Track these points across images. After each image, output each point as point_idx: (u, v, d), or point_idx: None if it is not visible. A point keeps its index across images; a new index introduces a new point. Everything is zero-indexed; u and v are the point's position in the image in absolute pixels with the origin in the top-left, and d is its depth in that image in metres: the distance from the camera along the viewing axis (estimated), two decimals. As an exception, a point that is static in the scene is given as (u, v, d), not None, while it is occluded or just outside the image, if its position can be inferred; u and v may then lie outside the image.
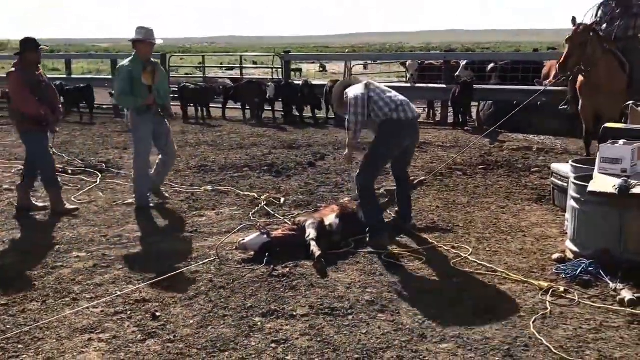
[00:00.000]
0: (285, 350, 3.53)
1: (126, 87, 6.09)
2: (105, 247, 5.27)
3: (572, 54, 7.19)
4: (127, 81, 6.08)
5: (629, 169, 4.43)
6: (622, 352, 3.43)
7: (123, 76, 6.10)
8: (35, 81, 6.08)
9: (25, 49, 6.02)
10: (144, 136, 6.31)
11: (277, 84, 13.19)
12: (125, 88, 6.10)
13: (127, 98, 6.19)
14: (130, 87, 6.09)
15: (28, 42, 6.06)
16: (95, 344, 3.60)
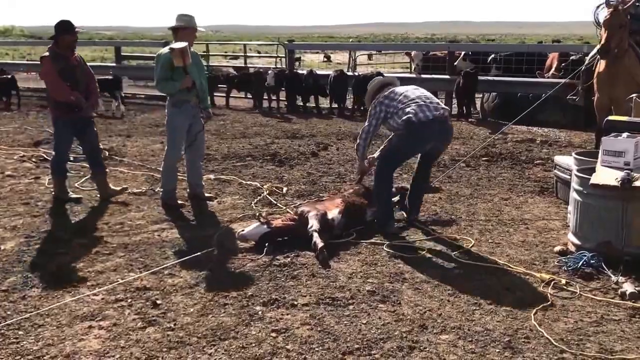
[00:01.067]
0: (286, 339, 3.53)
1: (164, 73, 5.82)
2: (107, 235, 5.28)
3: (614, 35, 6.85)
4: (165, 67, 5.78)
5: (631, 161, 4.40)
6: (622, 346, 3.42)
7: (162, 62, 5.84)
8: (69, 66, 5.92)
9: (61, 31, 5.89)
10: (178, 127, 6.00)
11: (278, 73, 13.11)
12: (164, 74, 5.83)
13: (167, 83, 5.86)
14: (168, 74, 5.83)
15: (63, 24, 5.93)
16: (95, 331, 3.60)
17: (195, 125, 6.12)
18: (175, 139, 6.05)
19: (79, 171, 7.59)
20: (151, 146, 9.13)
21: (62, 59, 5.92)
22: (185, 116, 5.98)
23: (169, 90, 6.01)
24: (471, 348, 3.42)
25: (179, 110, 5.96)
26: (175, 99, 5.94)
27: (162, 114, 12.43)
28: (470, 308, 3.91)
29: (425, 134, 5.20)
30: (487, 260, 4.68)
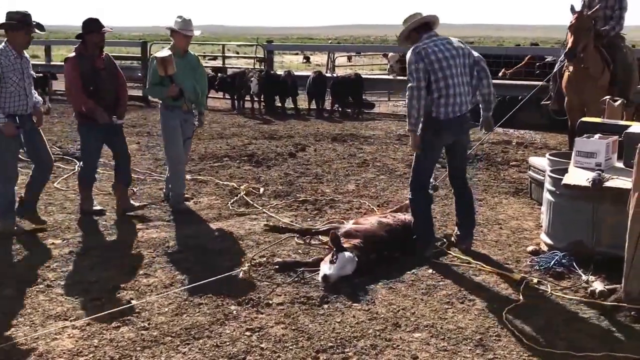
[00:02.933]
0: (260, 338, 3.54)
1: (154, 78, 5.74)
2: (82, 234, 5.22)
3: (580, 39, 6.93)
4: (155, 72, 5.69)
5: (603, 162, 4.49)
6: (591, 342, 3.50)
7: (153, 67, 5.75)
8: (93, 68, 5.52)
9: (88, 30, 5.52)
10: (172, 127, 5.88)
11: (260, 78, 12.93)
12: (153, 79, 5.75)
13: (155, 88, 5.84)
14: (158, 78, 5.72)
15: (91, 23, 5.53)
16: (69, 331, 3.57)
17: (186, 130, 6.01)
18: (173, 138, 5.94)
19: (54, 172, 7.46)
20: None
21: (87, 60, 5.53)
22: (175, 117, 5.89)
23: (156, 95, 5.99)
24: (443, 346, 3.47)
25: (171, 112, 5.89)
26: (166, 103, 5.91)
27: (138, 114, 12.39)
28: (443, 307, 3.96)
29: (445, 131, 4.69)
30: (461, 260, 4.74)
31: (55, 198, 6.36)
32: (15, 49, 5.04)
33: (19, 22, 5.01)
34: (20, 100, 5.09)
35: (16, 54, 5.05)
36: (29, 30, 5.07)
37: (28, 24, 5.05)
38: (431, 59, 4.48)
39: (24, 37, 5.08)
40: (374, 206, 6.15)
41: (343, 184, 7.11)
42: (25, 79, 5.12)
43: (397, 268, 4.56)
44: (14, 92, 5.03)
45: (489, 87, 4.77)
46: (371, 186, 7.02)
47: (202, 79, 6.11)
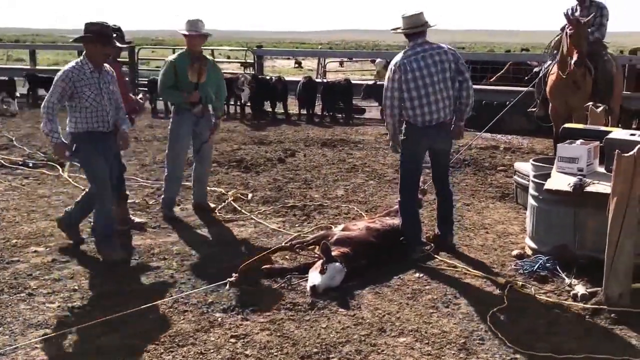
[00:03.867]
0: (245, 344, 3.54)
1: (167, 80, 5.71)
2: (65, 242, 5.18)
3: (584, 46, 6.96)
4: (168, 75, 5.69)
5: (585, 168, 4.53)
6: (572, 345, 3.53)
7: (165, 70, 5.75)
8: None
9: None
10: (179, 134, 5.85)
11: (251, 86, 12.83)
12: (167, 82, 5.72)
13: (171, 92, 5.80)
14: (172, 81, 5.71)
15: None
16: (51, 340, 3.55)
17: (201, 135, 5.94)
18: (175, 147, 5.93)
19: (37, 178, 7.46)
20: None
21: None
22: (186, 124, 5.84)
23: (174, 99, 5.96)
24: (427, 350, 3.48)
25: (180, 118, 5.85)
26: (178, 106, 5.90)
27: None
28: (428, 311, 3.97)
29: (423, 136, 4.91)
30: (447, 264, 4.76)
31: (38, 205, 6.32)
32: (93, 63, 4.69)
33: (95, 35, 4.68)
34: (98, 117, 4.72)
35: (93, 68, 4.68)
36: (107, 43, 4.72)
37: (105, 36, 4.71)
38: (408, 77, 4.73)
39: (101, 50, 4.71)
40: (363, 211, 6.17)
41: (332, 189, 7.12)
42: (104, 94, 4.72)
43: (384, 272, 4.58)
44: (89, 108, 4.67)
45: (467, 98, 4.92)
46: (360, 191, 7.04)
47: (219, 82, 6.08)
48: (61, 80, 4.59)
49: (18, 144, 9.39)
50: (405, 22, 4.83)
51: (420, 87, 4.73)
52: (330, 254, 4.38)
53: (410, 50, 4.82)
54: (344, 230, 5.06)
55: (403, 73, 4.73)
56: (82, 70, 4.65)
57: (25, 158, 8.43)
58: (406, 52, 4.82)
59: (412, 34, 4.82)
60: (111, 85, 4.82)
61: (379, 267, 4.63)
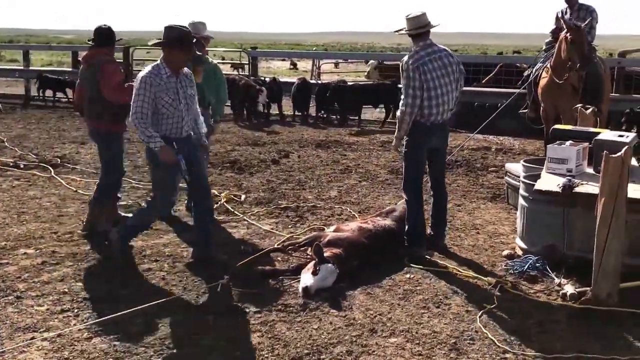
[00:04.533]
0: (235, 346, 3.54)
1: None
2: (56, 244, 5.16)
3: (587, 51, 6.99)
4: None
5: (574, 168, 4.55)
6: (562, 344, 3.55)
7: None
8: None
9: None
10: None
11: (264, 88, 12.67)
12: None
13: None
14: None
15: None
16: (38, 343, 3.53)
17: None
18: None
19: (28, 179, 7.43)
20: (107, 154, 8.98)
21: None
22: None
23: None
24: (418, 350, 3.49)
25: None
26: None
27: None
28: (419, 311, 3.98)
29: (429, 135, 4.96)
30: (438, 265, 4.77)
31: (28, 207, 6.28)
32: (170, 67, 4.55)
33: (173, 41, 4.53)
34: (174, 123, 4.58)
35: (170, 73, 4.54)
36: (188, 50, 4.58)
37: (183, 42, 4.54)
38: (427, 77, 4.78)
39: (180, 56, 4.56)
40: (356, 213, 6.18)
41: (325, 190, 7.13)
42: (181, 100, 4.58)
43: (375, 273, 4.58)
44: (166, 114, 4.53)
45: (458, 100, 5.12)
46: (353, 192, 7.04)
47: (221, 86, 6.09)
48: (142, 88, 4.45)
49: (9, 145, 9.34)
50: (411, 23, 4.88)
51: (437, 87, 4.82)
52: (322, 255, 4.38)
53: (422, 50, 4.86)
54: (336, 231, 5.06)
55: (423, 73, 4.77)
56: (159, 75, 4.50)
57: (16, 159, 8.39)
58: (419, 53, 4.85)
59: (418, 34, 4.88)
60: (189, 89, 4.69)
61: (370, 268, 4.64)
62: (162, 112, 4.53)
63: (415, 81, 4.76)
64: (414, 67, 4.77)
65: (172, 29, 4.59)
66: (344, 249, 4.63)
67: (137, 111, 4.45)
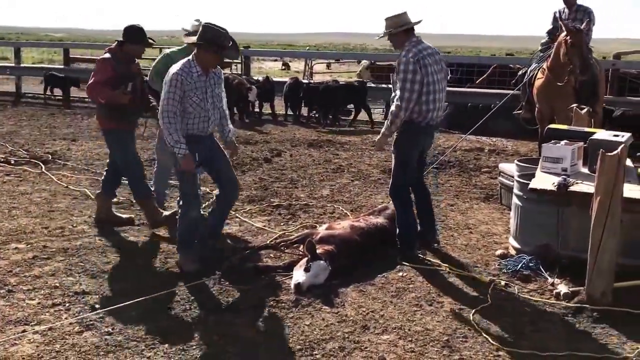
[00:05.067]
0: (227, 341, 3.51)
1: (160, 68, 5.57)
2: (47, 239, 5.11)
3: (587, 54, 7.02)
4: (161, 63, 5.65)
5: (569, 168, 4.56)
6: (555, 343, 3.54)
7: (159, 59, 5.87)
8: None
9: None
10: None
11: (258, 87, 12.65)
12: (159, 69, 5.59)
13: (159, 80, 5.59)
14: (164, 69, 5.44)
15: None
16: (29, 336, 3.50)
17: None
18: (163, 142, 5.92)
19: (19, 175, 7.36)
20: (97, 150, 8.90)
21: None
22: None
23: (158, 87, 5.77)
24: (411, 347, 3.48)
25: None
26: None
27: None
28: (411, 309, 3.97)
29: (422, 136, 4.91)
30: (431, 263, 4.76)
31: (19, 202, 6.22)
32: (201, 66, 4.44)
33: (207, 43, 4.41)
34: (200, 123, 4.50)
35: (201, 71, 4.45)
36: (219, 52, 4.47)
37: (218, 45, 4.43)
38: (427, 70, 4.61)
39: (211, 58, 4.46)
40: (348, 211, 6.16)
41: (317, 189, 7.11)
42: (209, 99, 4.50)
43: (368, 271, 4.57)
44: (192, 113, 4.44)
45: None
46: (345, 191, 7.03)
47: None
48: (173, 86, 4.35)
49: (0, 142, 9.26)
50: (395, 21, 4.72)
51: (434, 82, 4.67)
52: (314, 252, 4.36)
53: (417, 45, 4.68)
54: (328, 229, 5.05)
55: (423, 67, 4.58)
56: (189, 74, 4.40)
57: (7, 155, 8.31)
58: (416, 47, 4.65)
59: (406, 30, 4.73)
60: (217, 88, 4.59)
61: (363, 266, 4.63)
62: (189, 110, 4.43)
63: (417, 75, 4.55)
64: (415, 60, 4.56)
65: (208, 30, 4.43)
66: (336, 246, 4.61)
67: (166, 109, 4.34)
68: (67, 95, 14.47)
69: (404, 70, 4.60)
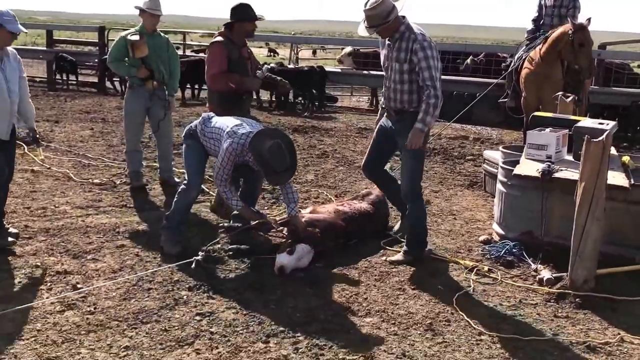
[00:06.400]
0: (210, 322, 3.49)
1: (118, 54, 5.81)
2: (28, 219, 5.03)
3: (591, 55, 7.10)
4: (119, 48, 5.77)
5: (553, 155, 4.59)
6: (537, 328, 3.58)
7: (117, 43, 5.84)
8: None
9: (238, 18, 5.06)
10: (131, 111, 5.95)
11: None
12: (117, 55, 5.82)
13: (119, 65, 5.90)
14: (122, 54, 5.79)
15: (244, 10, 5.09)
16: (10, 315, 3.44)
17: (155, 111, 5.98)
18: (128, 124, 6.05)
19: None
20: (80, 132, 8.77)
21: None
22: (139, 101, 5.91)
23: (121, 72, 6.18)
24: (394, 330, 3.49)
25: (132, 93, 5.96)
26: (130, 81, 6.02)
27: (92, 100, 12.06)
28: (395, 293, 3.98)
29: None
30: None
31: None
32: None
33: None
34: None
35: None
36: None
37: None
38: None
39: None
40: (332, 196, 6.15)
41: (302, 174, 7.07)
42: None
43: (351, 255, 4.57)
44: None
45: None
46: (330, 177, 7.01)
47: (173, 61, 6.10)
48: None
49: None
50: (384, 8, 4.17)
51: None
52: (298, 235, 4.34)
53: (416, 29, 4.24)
54: (312, 212, 5.03)
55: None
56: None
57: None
58: (421, 30, 4.24)
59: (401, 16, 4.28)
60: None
61: (347, 250, 4.62)
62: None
63: (438, 62, 4.15)
64: (434, 46, 4.15)
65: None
66: (320, 229, 4.60)
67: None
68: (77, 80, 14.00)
69: (432, 55, 4.10)
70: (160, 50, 5.93)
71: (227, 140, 4.23)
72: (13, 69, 4.24)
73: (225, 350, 3.21)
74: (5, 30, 4.05)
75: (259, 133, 4.22)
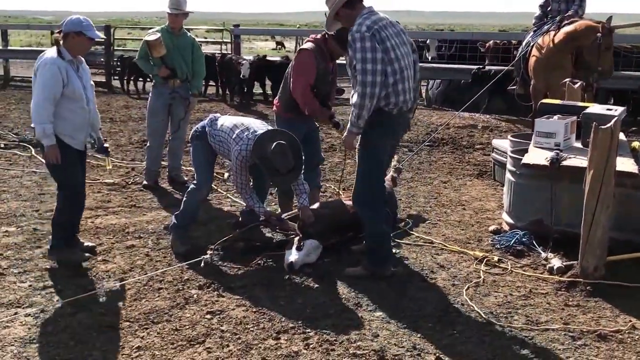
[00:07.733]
0: (221, 320, 3.50)
1: (142, 52, 6.00)
2: (37, 222, 5.06)
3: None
4: (143, 47, 5.97)
5: (562, 142, 4.54)
6: (548, 317, 3.55)
7: (143, 42, 6.02)
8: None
9: None
10: (153, 108, 6.11)
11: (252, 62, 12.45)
12: (141, 53, 6.02)
13: (144, 63, 6.08)
14: (145, 53, 5.95)
15: None
16: (21, 318, 3.47)
17: (177, 110, 6.12)
18: (150, 120, 6.18)
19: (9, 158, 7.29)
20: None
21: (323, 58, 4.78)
22: (161, 100, 6.06)
23: (144, 69, 6.32)
24: (404, 323, 3.48)
25: (156, 92, 6.11)
26: (155, 80, 6.18)
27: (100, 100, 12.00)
28: (404, 285, 3.97)
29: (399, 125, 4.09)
30: (424, 240, 4.75)
31: (9, 185, 6.16)
32: None
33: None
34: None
35: None
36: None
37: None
38: (386, 45, 3.72)
39: None
40: (340, 190, 6.13)
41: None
42: None
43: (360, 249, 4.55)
44: None
45: (418, 83, 4.28)
46: (337, 170, 6.99)
47: (198, 60, 6.20)
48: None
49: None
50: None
51: (399, 58, 3.79)
52: (307, 230, 4.34)
53: (371, 16, 3.79)
54: (320, 207, 5.01)
55: (381, 41, 3.71)
56: None
57: (-5, 139, 8.22)
58: (370, 18, 3.76)
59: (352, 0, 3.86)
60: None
61: (355, 244, 4.61)
62: None
63: (376, 52, 3.65)
64: (371, 34, 3.66)
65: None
66: (329, 224, 4.59)
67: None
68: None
69: (360, 48, 3.66)
70: (184, 50, 6.04)
71: (235, 147, 4.26)
72: (88, 76, 4.22)
73: (236, 348, 3.22)
74: (85, 37, 4.05)
75: (261, 136, 4.21)
